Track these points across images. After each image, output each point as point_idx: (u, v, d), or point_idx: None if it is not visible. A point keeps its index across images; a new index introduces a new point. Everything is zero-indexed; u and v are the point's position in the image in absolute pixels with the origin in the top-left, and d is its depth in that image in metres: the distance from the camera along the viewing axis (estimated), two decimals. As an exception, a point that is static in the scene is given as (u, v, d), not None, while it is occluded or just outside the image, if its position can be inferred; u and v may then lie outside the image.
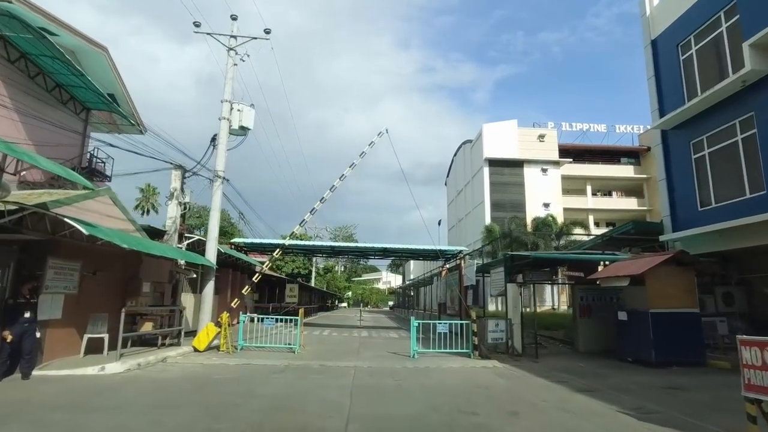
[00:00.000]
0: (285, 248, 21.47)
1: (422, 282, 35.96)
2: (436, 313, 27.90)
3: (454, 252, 22.03)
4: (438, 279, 25.45)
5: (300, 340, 13.21)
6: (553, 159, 41.26)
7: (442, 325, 12.79)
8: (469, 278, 18.50)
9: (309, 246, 20.86)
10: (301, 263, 60.54)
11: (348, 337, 18.57)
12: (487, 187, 40.06)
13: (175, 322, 12.53)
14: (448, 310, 22.12)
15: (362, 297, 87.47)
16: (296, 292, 23.82)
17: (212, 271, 13.99)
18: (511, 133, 41.11)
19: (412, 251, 22.27)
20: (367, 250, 21.70)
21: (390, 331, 22.85)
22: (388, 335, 20.12)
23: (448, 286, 22.50)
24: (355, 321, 31.15)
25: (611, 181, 46.34)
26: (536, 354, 11.92)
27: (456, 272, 20.85)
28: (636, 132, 47.68)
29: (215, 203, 14.31)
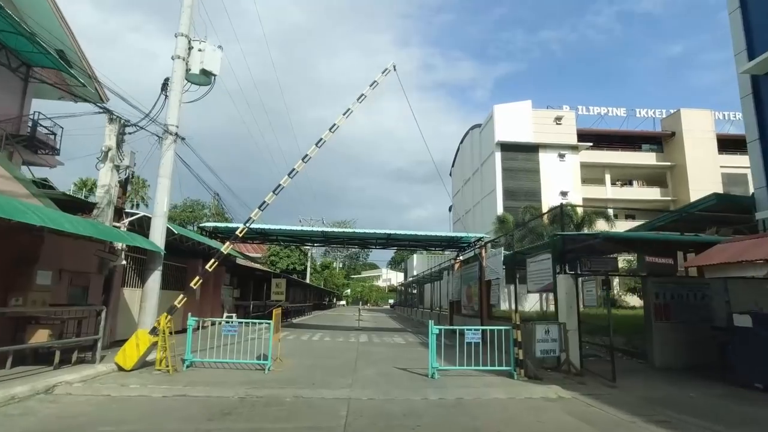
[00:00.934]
0: (264, 233, 17.88)
1: (428, 278, 32.36)
2: (446, 312, 24.32)
3: (470, 239, 18.44)
4: (450, 273, 21.84)
5: (275, 351, 9.63)
6: (571, 143, 37.62)
7: (473, 332, 9.18)
8: (493, 270, 14.94)
9: (296, 232, 17.32)
10: (297, 258, 56.95)
11: (343, 343, 14.98)
12: (499, 174, 36.43)
13: (91, 329, 8.87)
14: (464, 309, 18.52)
15: (361, 295, 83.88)
16: (284, 288, 20.30)
17: (158, 258, 10.39)
18: (524, 115, 37.47)
19: (420, 239, 18.70)
20: (367, 238, 18.18)
21: (394, 334, 19.25)
22: (392, 340, 16.55)
23: (463, 281, 18.90)
24: (353, 321, 27.53)
25: (632, 169, 42.75)
26: (613, 376, 8.31)
27: (475, 264, 17.24)
28: (658, 116, 44.09)
29: (165, 168, 10.67)
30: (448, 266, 24.02)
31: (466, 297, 18.20)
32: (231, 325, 8.87)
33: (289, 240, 19.15)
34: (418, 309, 37.38)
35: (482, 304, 16.22)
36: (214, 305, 18.67)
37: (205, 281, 17.54)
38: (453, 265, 21.76)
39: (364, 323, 25.99)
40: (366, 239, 18.42)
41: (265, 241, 19.29)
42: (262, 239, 19.24)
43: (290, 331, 18.72)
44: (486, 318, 16.05)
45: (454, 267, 21.47)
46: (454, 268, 21.39)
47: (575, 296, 9.89)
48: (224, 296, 19.26)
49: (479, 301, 16.38)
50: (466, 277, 18.42)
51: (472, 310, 17.38)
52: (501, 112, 37.57)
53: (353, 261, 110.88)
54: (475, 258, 17.71)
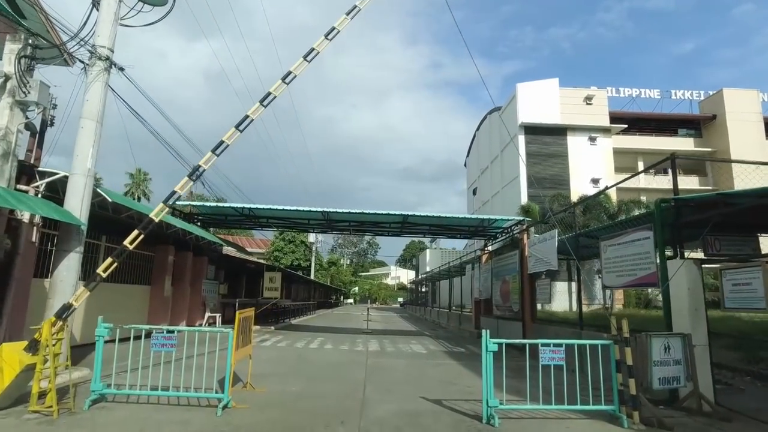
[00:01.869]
0: (253, 215, 14.62)
1: (444, 274, 28.95)
2: (469, 312, 20.92)
3: (504, 224, 15.05)
4: (475, 267, 18.43)
5: (251, 367, 6.37)
6: (602, 125, 33.91)
7: (553, 350, 5.78)
8: (541, 261, 11.54)
9: (290, 213, 13.99)
10: (302, 254, 53.81)
11: (348, 353, 11.68)
12: (523, 159, 32.84)
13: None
14: (498, 310, 15.11)
15: (369, 293, 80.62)
16: (279, 282, 17.07)
17: (75, 234, 7.15)
18: (551, 95, 33.83)
19: (443, 222, 15.35)
20: (379, 221, 14.86)
21: (410, 340, 15.90)
22: (408, 347, 13.21)
23: (495, 275, 15.49)
24: (360, 322, 24.24)
25: (666, 155, 38.78)
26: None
27: (512, 254, 13.83)
28: (696, 99, 40.18)
29: (91, 106, 7.44)
30: (472, 259, 20.62)
31: (501, 295, 14.78)
32: (165, 337, 5.56)
33: (283, 224, 15.90)
34: (431, 308, 33.99)
35: (524, 303, 12.81)
36: (193, 304, 15.47)
37: (179, 274, 14.34)
38: (479, 257, 18.36)
39: (374, 324, 22.67)
40: (377, 223, 15.07)
41: (255, 225, 16.11)
42: (250, 223, 16.00)
43: (284, 335, 15.46)
44: (529, 321, 12.65)
45: (481, 259, 18.07)
46: (481, 261, 17.99)
47: (702, 293, 6.45)
48: (206, 293, 16.04)
49: (520, 300, 12.98)
50: (500, 270, 15.01)
51: (509, 311, 13.97)
52: (525, 92, 33.96)
53: (361, 258, 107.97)
54: (513, 246, 14.30)
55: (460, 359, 11.16)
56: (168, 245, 13.23)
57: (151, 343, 5.54)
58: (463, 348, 13.74)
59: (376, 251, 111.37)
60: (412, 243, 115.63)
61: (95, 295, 10.81)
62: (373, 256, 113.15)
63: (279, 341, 13.52)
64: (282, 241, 54.89)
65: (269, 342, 13.21)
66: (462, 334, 19.20)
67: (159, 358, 5.72)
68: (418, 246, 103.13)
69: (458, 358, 11.28)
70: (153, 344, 5.52)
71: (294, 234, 55.10)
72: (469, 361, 10.73)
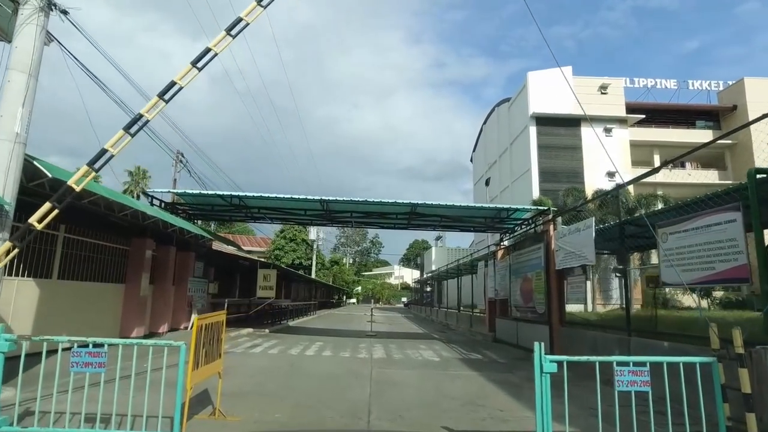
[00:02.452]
0: (242, 205, 13.06)
1: (452, 272, 27.33)
2: (481, 314, 19.32)
3: (523, 215, 13.45)
4: (490, 264, 16.80)
5: (224, 387, 4.75)
6: (618, 116, 32.19)
7: (632, 371, 4.10)
8: (572, 255, 9.92)
9: (284, 201, 12.36)
10: (303, 253, 52.31)
11: (349, 361, 10.09)
12: (534, 152, 31.16)
13: None
14: (517, 311, 13.48)
15: (372, 292, 79.05)
16: (273, 281, 15.50)
17: (-3, 214, 5.57)
18: (564, 84, 32.07)
19: (455, 213, 13.75)
20: (384, 211, 13.25)
21: (419, 344, 14.30)
22: (418, 354, 11.60)
23: (513, 272, 13.87)
24: (363, 323, 22.67)
25: (684, 148, 36.91)
26: None
27: (536, 249, 12.20)
28: (714, 89, 38.39)
29: (20, 55, 5.87)
30: (485, 255, 19.01)
31: (521, 294, 13.15)
32: (91, 353, 3.97)
33: (278, 215, 14.29)
34: (437, 308, 32.38)
35: (551, 304, 11.19)
36: (178, 305, 13.93)
37: (161, 271, 12.79)
38: (494, 253, 16.74)
39: (378, 326, 21.09)
40: (382, 214, 13.44)
41: (246, 217, 14.48)
42: (241, 215, 14.37)
43: (279, 339, 13.89)
44: (557, 324, 11.02)
45: (496, 256, 16.45)
46: (496, 257, 16.37)
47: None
48: (193, 292, 14.49)
49: (546, 300, 11.35)
50: (520, 267, 13.39)
51: (531, 313, 12.34)
52: (536, 81, 32.26)
53: (364, 257, 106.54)
54: (535, 240, 12.68)
55: (480, 369, 9.56)
56: (146, 238, 11.67)
57: (70, 362, 3.95)
58: (479, 354, 12.13)
59: (379, 250, 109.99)
60: (416, 242, 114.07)
61: (53, 295, 9.32)
62: (377, 255, 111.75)
63: (271, 347, 11.95)
64: (283, 240, 53.37)
65: (260, 348, 11.63)
66: (474, 337, 17.59)
67: (95, 378, 4.13)
68: (422, 245, 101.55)
69: (477, 368, 9.68)
70: (73, 363, 3.94)
71: (295, 232, 53.61)
72: (491, 372, 9.13)
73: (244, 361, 9.38)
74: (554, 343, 10.90)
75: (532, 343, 9.84)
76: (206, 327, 4.76)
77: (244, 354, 10.47)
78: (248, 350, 11.06)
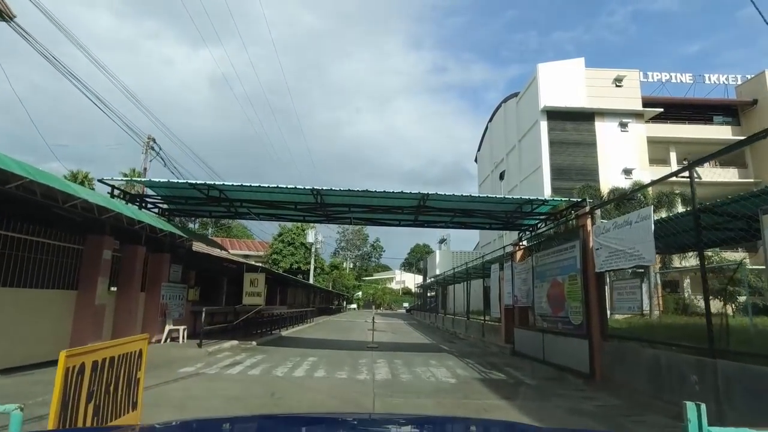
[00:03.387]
0: (222, 198, 11.19)
1: (460, 276, 25.39)
2: (494, 323, 17.41)
3: (551, 207, 11.59)
4: (507, 266, 14.89)
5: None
6: (635, 110, 30.33)
7: None
8: (623, 253, 8.02)
9: (271, 192, 10.45)
10: (302, 257, 50.41)
11: (345, 384, 8.17)
12: (546, 147, 29.26)
13: None
14: (542, 321, 11.52)
15: (374, 298, 76.98)
16: (262, 286, 13.58)
17: None
18: (576, 76, 30.27)
19: (471, 206, 11.87)
20: (387, 205, 11.27)
21: (429, 358, 12.36)
22: (430, 372, 9.66)
23: (539, 276, 11.95)
24: (364, 332, 20.74)
25: (702, 145, 35.00)
26: None
27: (569, 247, 10.28)
28: (732, 83, 36.56)
29: None
30: (500, 257, 17.10)
31: (549, 301, 11.21)
32: None
33: (264, 210, 12.36)
34: (443, 315, 30.39)
35: (591, 313, 9.26)
36: (149, 314, 12.04)
37: (126, 275, 10.89)
38: (512, 254, 14.83)
39: (380, 335, 19.15)
40: (387, 209, 11.50)
41: (229, 213, 12.54)
42: (222, 210, 12.41)
43: (266, 354, 11.95)
44: (599, 338, 9.09)
45: (514, 257, 14.54)
46: (514, 259, 14.46)
47: None
48: (168, 300, 12.59)
49: (583, 309, 9.42)
50: (546, 269, 11.47)
51: (562, 324, 10.39)
52: (547, 73, 30.42)
53: (365, 262, 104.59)
54: (567, 237, 10.78)
55: (509, 396, 7.65)
56: (103, 236, 9.77)
57: None
58: (501, 373, 10.21)
59: (380, 254, 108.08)
60: (417, 246, 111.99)
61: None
62: (377, 259, 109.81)
63: (254, 365, 10.02)
64: (281, 243, 51.46)
65: (239, 367, 9.70)
66: (488, 348, 15.65)
67: None
68: (423, 249, 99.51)
69: (505, 393, 7.76)
70: None
71: (293, 236, 51.67)
72: (525, 402, 7.19)
73: (211, 389, 7.46)
74: (594, 362, 8.98)
75: (562, 359, 7.85)
76: (98, 366, 2.83)
77: (216, 376, 8.54)
78: (224, 370, 9.14)
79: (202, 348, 11.45)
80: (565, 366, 10.03)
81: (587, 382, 8.93)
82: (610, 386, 8.36)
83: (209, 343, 12.33)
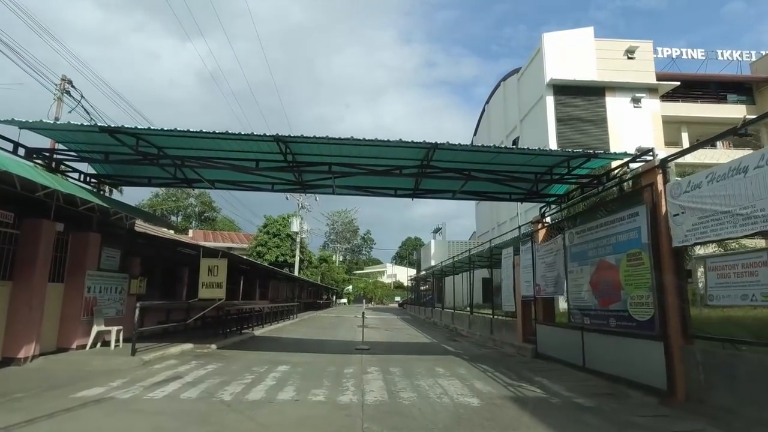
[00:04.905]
0: (150, 154, 8.29)
1: (459, 266, 22.78)
2: (507, 318, 14.86)
3: (606, 161, 9.07)
4: (527, 249, 12.23)
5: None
6: (649, 83, 27.83)
7: None
8: (732, 216, 5.45)
9: (215, 142, 7.54)
10: (288, 249, 47.47)
11: (321, 414, 5.43)
12: (552, 124, 26.62)
13: None
14: (583, 316, 8.84)
15: (365, 292, 74.30)
16: (223, 275, 10.75)
17: None
18: (585, 47, 27.66)
19: (494, 164, 9.16)
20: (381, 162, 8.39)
21: (434, 365, 9.67)
22: (440, 388, 6.96)
23: (576, 258, 9.28)
24: (353, 328, 18.03)
25: (715, 125, 32.75)
26: None
27: (630, 215, 7.62)
28: (746, 59, 34.32)
29: None
30: (514, 240, 14.50)
31: (595, 290, 8.54)
32: None
33: (217, 174, 9.28)
34: (441, 309, 27.78)
35: (666, 303, 6.61)
36: (68, 312, 9.18)
37: (26, 260, 8.00)
38: (533, 233, 12.19)
39: (372, 333, 16.46)
40: (380, 171, 8.58)
41: (174, 182, 9.40)
42: (168, 177, 9.18)
43: (222, 363, 9.14)
44: (678, 339, 6.46)
45: (535, 237, 11.91)
46: (535, 239, 11.82)
47: None
48: (95, 293, 9.73)
49: (654, 298, 6.76)
50: (588, 248, 8.81)
51: (617, 319, 7.72)
52: (553, 43, 27.71)
53: (355, 255, 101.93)
54: (624, 203, 8.14)
55: (563, 428, 5.01)
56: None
57: None
58: (533, 386, 7.58)
59: (371, 247, 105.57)
60: (409, 240, 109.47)
61: None
62: (368, 252, 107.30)
63: (197, 381, 7.22)
64: (266, 235, 48.45)
65: (173, 385, 6.89)
66: (501, 349, 13.05)
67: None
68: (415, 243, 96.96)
69: (558, 425, 5.10)
70: None
71: (279, 227, 48.63)
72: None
73: (104, 430, 4.68)
74: (675, 373, 6.36)
75: (617, 367, 5.44)
76: None
77: (128, 404, 5.74)
78: (147, 392, 6.33)
79: (135, 356, 8.63)
80: (621, 376, 7.43)
81: (665, 403, 6.31)
82: (704, 410, 5.74)
83: (150, 349, 9.52)
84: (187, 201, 77.32)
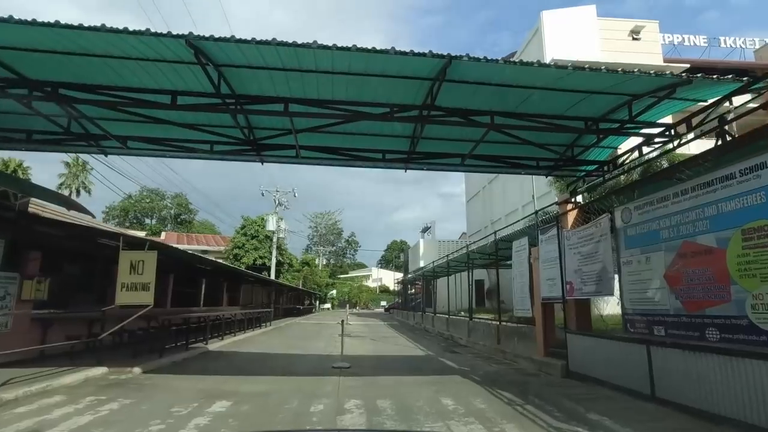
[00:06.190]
0: None
1: (455, 265, 20.17)
2: (520, 324, 12.23)
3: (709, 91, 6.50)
4: (550, 239, 9.58)
5: None
6: (656, 65, 25.73)
7: None
8: None
9: (71, 42, 4.76)
10: (267, 251, 44.39)
11: None
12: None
13: None
14: (651, 324, 6.18)
15: (349, 296, 71.22)
16: (151, 273, 7.91)
17: None
18: (588, 27, 25.47)
19: (557, 87, 6.53)
20: (366, 99, 5.65)
21: (437, 392, 6.91)
22: None
23: (639, 243, 6.65)
24: (332, 338, 15.14)
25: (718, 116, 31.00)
26: None
27: (750, 169, 4.98)
28: (750, 47, 32.76)
29: None
30: (529, 228, 11.94)
31: (675, 287, 5.90)
32: None
33: (113, 117, 6.13)
34: (431, 314, 25.03)
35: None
36: None
37: None
38: (559, 216, 9.58)
39: (354, 344, 13.64)
40: (366, 112, 5.70)
41: (63, 137, 6.36)
42: (51, 128, 6.15)
43: (135, 396, 6.21)
44: None
45: (563, 222, 9.31)
46: (564, 224, 9.22)
47: None
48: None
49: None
50: (662, 228, 6.20)
51: (724, 331, 5.07)
52: (553, 21, 25.43)
53: (339, 258, 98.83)
54: (734, 153, 5.55)
55: None
56: None
57: None
58: None
59: (356, 249, 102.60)
60: (394, 242, 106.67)
61: None
62: (353, 256, 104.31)
63: None
64: (243, 237, 45.31)
65: None
66: (516, 363, 10.39)
67: None
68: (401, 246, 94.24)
69: None
70: None
71: (257, 228, 45.55)
72: None
73: None
74: None
75: (723, 404, 1.36)
76: None
77: None
78: None
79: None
80: (730, 417, 4.81)
81: None
82: None
83: (35, 378, 6.60)
84: (162, 203, 73.47)
